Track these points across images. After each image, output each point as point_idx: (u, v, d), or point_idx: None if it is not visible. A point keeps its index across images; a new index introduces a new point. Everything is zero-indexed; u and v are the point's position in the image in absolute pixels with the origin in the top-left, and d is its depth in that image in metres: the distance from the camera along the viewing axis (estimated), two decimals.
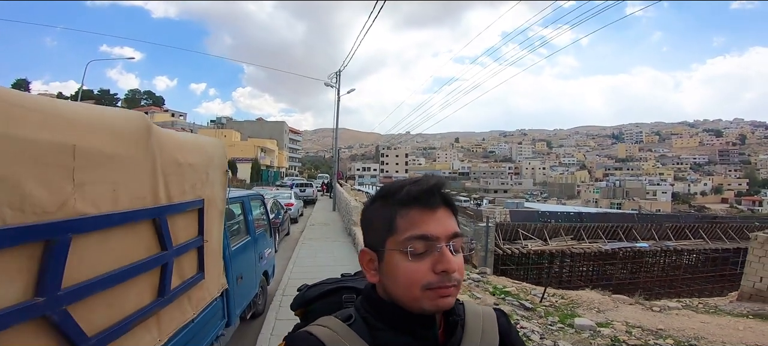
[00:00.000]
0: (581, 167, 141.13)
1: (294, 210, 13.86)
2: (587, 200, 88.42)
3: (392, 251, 0.65)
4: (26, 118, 1.03)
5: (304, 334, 0.65)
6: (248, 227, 4.19)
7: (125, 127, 1.50)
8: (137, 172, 1.57)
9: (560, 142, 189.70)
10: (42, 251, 1.11)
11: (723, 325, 6.70)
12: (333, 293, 0.86)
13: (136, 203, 1.55)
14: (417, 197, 0.66)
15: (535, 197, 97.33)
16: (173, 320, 2.14)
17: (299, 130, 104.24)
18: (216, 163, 2.64)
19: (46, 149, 1.09)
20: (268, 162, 56.60)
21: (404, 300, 0.64)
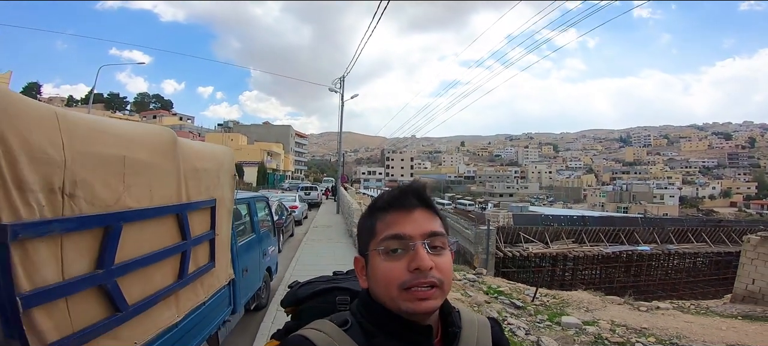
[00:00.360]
0: (588, 171, 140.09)
1: (298, 213, 14.29)
2: (593, 204, 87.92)
3: (373, 253, 0.67)
4: (97, 138, 1.46)
5: (299, 338, 0.65)
6: (253, 225, 4.61)
7: (158, 141, 1.92)
8: (166, 176, 1.99)
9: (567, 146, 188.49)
10: (103, 234, 1.52)
11: (706, 325, 6.95)
12: (326, 292, 0.86)
13: (165, 200, 1.97)
14: (391, 201, 0.69)
15: (541, 201, 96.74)
16: (189, 301, 2.55)
17: (305, 134, 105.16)
18: (226, 168, 3.06)
19: (109, 160, 1.51)
20: (274, 166, 57.33)
21: (386, 301, 0.66)
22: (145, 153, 1.78)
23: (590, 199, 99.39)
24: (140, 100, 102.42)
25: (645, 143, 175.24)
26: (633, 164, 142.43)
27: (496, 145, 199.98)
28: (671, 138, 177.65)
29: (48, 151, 1.24)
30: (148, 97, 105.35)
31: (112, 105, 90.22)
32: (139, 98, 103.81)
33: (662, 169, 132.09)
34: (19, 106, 1.19)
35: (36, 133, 1.19)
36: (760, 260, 9.90)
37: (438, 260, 0.65)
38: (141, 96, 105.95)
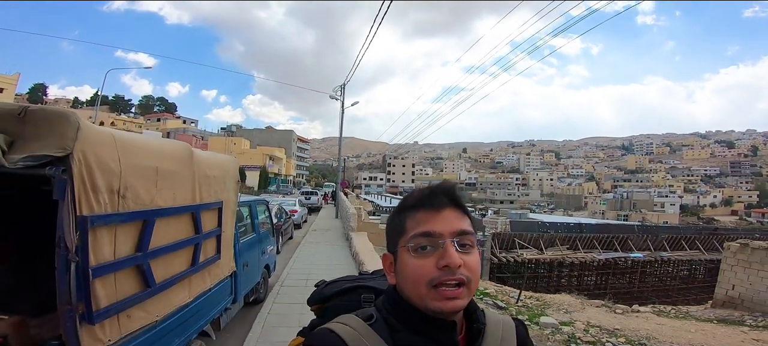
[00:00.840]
0: (589, 179, 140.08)
1: (297, 216, 14.78)
2: (594, 212, 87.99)
3: (402, 250, 0.68)
4: (139, 153, 1.98)
5: (326, 331, 0.66)
6: (254, 226, 5.11)
7: (179, 154, 2.44)
8: (185, 182, 2.50)
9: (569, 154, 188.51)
10: (142, 226, 2.02)
11: (677, 327, 7.38)
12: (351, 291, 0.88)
13: (184, 201, 2.48)
14: (422, 200, 0.70)
15: (541, 209, 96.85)
16: (198, 286, 3.04)
17: (307, 139, 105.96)
18: (231, 175, 3.57)
19: (147, 170, 2.02)
20: (276, 170, 57.88)
21: (414, 298, 0.66)
22: (171, 164, 2.29)
23: (591, 206, 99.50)
24: (145, 102, 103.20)
25: (647, 151, 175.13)
26: (635, 172, 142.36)
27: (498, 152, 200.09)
28: (674, 146, 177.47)
29: (110, 164, 1.75)
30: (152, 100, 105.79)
31: (117, 107, 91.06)
32: (144, 101, 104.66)
33: (664, 177, 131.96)
34: (93, 133, 1.69)
35: (103, 151, 1.70)
36: (739, 267, 10.33)
37: (466, 259, 0.66)
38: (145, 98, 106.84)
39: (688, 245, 23.85)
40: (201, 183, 2.76)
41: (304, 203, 20.58)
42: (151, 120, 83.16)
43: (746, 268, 9.97)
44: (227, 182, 3.41)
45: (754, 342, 6.85)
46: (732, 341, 6.77)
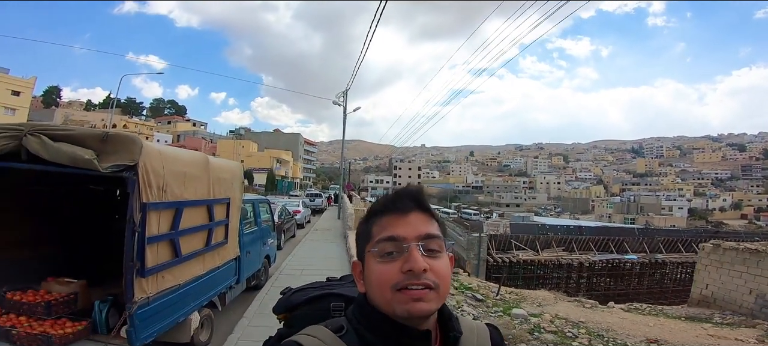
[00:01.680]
0: (598, 182, 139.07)
1: (300, 217, 15.73)
2: (600, 215, 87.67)
3: (369, 256, 0.68)
4: (174, 162, 2.90)
5: (293, 344, 0.64)
6: (256, 220, 6.03)
7: (199, 162, 3.37)
8: (203, 182, 3.43)
9: (577, 157, 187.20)
10: (175, 212, 2.95)
11: (637, 322, 8.08)
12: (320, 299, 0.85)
13: (202, 196, 3.40)
14: (387, 205, 0.70)
15: (548, 212, 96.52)
16: (210, 263, 3.96)
17: (314, 142, 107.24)
18: (237, 177, 4.50)
19: (179, 173, 2.95)
20: (283, 172, 59.12)
21: (381, 304, 0.65)
22: (194, 169, 3.23)
23: (598, 210, 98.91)
24: (156, 105, 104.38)
25: (657, 155, 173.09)
26: (644, 176, 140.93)
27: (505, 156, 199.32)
28: (684, 149, 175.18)
29: (158, 170, 2.67)
30: (163, 103, 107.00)
31: (129, 110, 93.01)
32: (155, 104, 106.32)
33: (673, 180, 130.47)
34: (149, 149, 2.61)
35: (154, 161, 2.63)
36: (712, 267, 10.93)
37: (433, 263, 0.64)
38: (156, 101, 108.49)
39: (685, 248, 24.26)
40: (214, 183, 3.69)
41: (308, 204, 21.55)
42: (161, 123, 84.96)
43: (718, 268, 10.56)
44: (234, 182, 4.34)
45: (709, 337, 7.52)
46: (687, 336, 7.44)
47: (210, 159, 3.69)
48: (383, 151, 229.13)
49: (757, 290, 8.98)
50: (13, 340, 2.51)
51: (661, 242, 24.24)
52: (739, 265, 9.68)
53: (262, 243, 6.26)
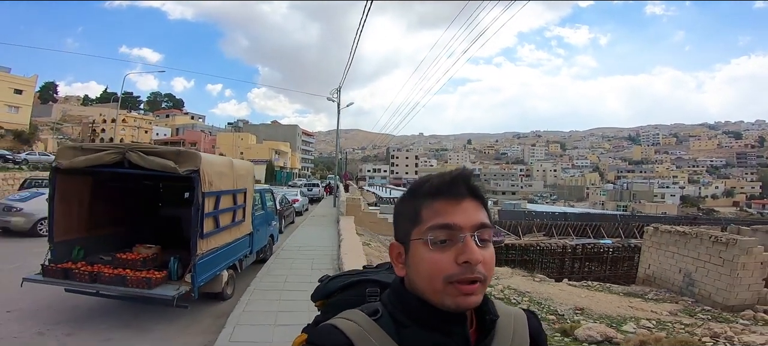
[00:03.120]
0: (594, 170, 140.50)
1: (299, 205, 17.38)
2: (594, 203, 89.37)
3: (416, 242, 0.65)
4: (216, 165, 4.55)
5: (329, 327, 0.64)
6: (263, 206, 7.68)
7: (227, 164, 5.01)
8: (230, 177, 5.07)
9: (575, 144, 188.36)
10: (216, 198, 4.59)
11: (573, 293, 9.73)
12: (355, 285, 0.85)
13: (229, 187, 5.06)
14: (441, 188, 0.66)
15: (544, 199, 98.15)
16: (233, 235, 5.60)
17: (312, 132, 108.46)
18: (250, 173, 6.15)
19: (218, 172, 4.59)
20: (281, 163, 60.68)
21: (428, 293, 0.63)
22: (225, 169, 4.86)
23: (592, 197, 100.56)
24: (153, 99, 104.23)
25: (654, 142, 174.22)
26: (640, 163, 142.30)
27: (503, 144, 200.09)
28: (681, 137, 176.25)
29: (208, 171, 4.29)
30: (160, 96, 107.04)
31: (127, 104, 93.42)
32: (152, 97, 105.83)
33: (668, 168, 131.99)
34: (204, 157, 4.26)
35: (207, 166, 4.25)
36: (653, 248, 12.49)
37: (485, 254, 0.63)
38: (153, 95, 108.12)
39: None
40: (236, 178, 5.33)
41: (306, 193, 23.20)
42: (160, 116, 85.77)
43: (657, 249, 12.05)
44: (248, 177, 5.99)
45: (628, 308, 9.11)
46: (609, 306, 9.03)
47: (234, 161, 5.32)
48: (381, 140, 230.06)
49: (684, 269, 10.51)
50: (127, 283, 4.12)
51: (636, 227, 26.00)
52: (672, 246, 11.14)
53: (267, 224, 7.91)
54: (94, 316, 4.75)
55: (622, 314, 8.21)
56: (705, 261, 9.66)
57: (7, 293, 5.24)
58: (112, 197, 5.27)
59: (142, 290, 4.06)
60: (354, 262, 6.06)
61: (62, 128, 62.23)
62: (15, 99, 39.03)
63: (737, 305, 8.78)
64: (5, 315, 4.63)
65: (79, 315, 4.73)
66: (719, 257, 9.27)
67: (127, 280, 4.10)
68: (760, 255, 8.83)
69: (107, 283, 4.14)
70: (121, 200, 5.50)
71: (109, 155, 4.04)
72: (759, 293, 8.98)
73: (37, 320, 4.51)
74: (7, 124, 35.74)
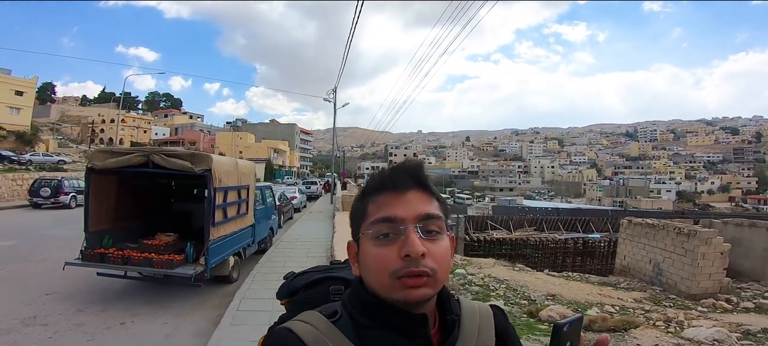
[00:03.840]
0: (591, 166, 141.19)
1: (297, 202, 18.22)
2: (591, 199, 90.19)
3: (364, 238, 0.64)
4: (224, 164, 5.39)
5: (284, 331, 0.62)
6: (264, 201, 8.51)
7: (233, 163, 5.86)
8: (235, 175, 5.91)
9: (572, 141, 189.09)
10: (225, 192, 5.44)
11: (547, 281, 10.44)
12: (319, 282, 0.83)
13: (235, 183, 5.90)
14: (383, 182, 0.66)
15: (541, 195, 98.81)
16: (238, 226, 6.45)
17: (310, 131, 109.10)
18: (252, 171, 6.99)
19: (225, 170, 5.44)
20: (280, 162, 61.45)
21: (378, 290, 0.62)
22: (230, 168, 5.70)
23: (589, 193, 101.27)
24: (151, 98, 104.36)
25: (651, 138, 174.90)
26: (637, 159, 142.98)
27: (501, 140, 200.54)
28: (678, 133, 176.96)
29: (218, 169, 5.12)
30: (158, 96, 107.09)
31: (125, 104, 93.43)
32: (150, 97, 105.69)
33: (666, 164, 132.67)
34: (215, 159, 5.10)
35: (217, 166, 5.08)
36: (628, 240, 13.18)
37: (432, 246, 0.61)
38: (152, 95, 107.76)
39: None
40: (241, 176, 6.16)
41: (304, 191, 24.05)
42: (158, 116, 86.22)
43: (631, 241, 12.74)
44: (250, 175, 6.82)
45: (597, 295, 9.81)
46: (581, 293, 9.75)
47: (238, 161, 6.16)
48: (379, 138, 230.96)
49: (654, 259, 11.23)
50: (153, 264, 4.96)
51: None
52: (643, 238, 11.84)
53: (267, 218, 8.75)
54: (121, 296, 5.59)
55: (590, 301, 8.98)
56: (671, 252, 10.45)
57: (44, 280, 6.09)
58: (133, 194, 6.10)
59: (166, 269, 4.89)
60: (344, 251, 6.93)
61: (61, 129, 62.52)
62: (16, 100, 39.50)
63: (699, 294, 9.51)
64: (46, 297, 5.45)
65: (109, 296, 5.57)
66: (682, 247, 10.05)
67: (154, 262, 4.94)
68: (719, 246, 9.61)
69: (137, 264, 4.99)
70: (140, 197, 6.32)
71: (136, 157, 4.87)
72: (721, 282, 9.74)
73: (74, 301, 5.34)
74: (9, 125, 36.18)
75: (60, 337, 4.36)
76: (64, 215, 14.51)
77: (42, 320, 4.75)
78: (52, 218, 13.82)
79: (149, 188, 6.58)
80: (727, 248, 9.72)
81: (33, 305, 5.12)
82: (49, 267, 6.73)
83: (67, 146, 44.77)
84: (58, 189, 17.02)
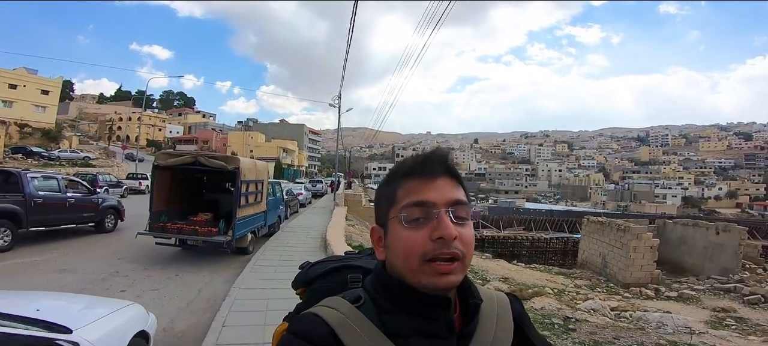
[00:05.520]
0: (600, 170, 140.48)
1: (303, 198, 20.40)
2: (595, 202, 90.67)
3: (393, 221, 0.65)
4: (248, 164, 7.60)
5: (310, 316, 0.63)
6: (274, 193, 10.67)
7: (253, 163, 8.07)
8: (254, 172, 8.07)
9: (582, 144, 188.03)
10: (247, 184, 7.62)
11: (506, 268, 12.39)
12: (337, 271, 0.85)
13: (253, 178, 8.08)
14: (415, 168, 0.67)
15: (547, 199, 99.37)
16: (255, 209, 8.61)
17: (319, 131, 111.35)
18: (266, 169, 9.18)
19: (247, 169, 7.60)
20: (289, 161, 63.85)
21: (406, 274, 0.63)
22: (252, 166, 7.87)
23: (594, 197, 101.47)
24: (165, 97, 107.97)
25: (663, 143, 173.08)
26: (647, 164, 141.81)
27: (510, 143, 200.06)
28: (690, 138, 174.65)
29: (243, 167, 7.25)
30: (172, 95, 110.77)
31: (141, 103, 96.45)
32: (164, 96, 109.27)
33: (675, 169, 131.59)
34: (242, 159, 7.25)
35: (243, 165, 7.20)
36: (587, 237, 15.09)
37: (461, 231, 0.63)
38: (165, 93, 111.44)
39: None
40: (257, 172, 8.31)
41: (310, 189, 26.26)
42: (172, 115, 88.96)
43: (588, 237, 14.61)
44: (264, 173, 9.00)
45: (545, 280, 11.61)
46: (531, 277, 11.54)
47: (257, 162, 8.34)
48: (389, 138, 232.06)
49: (601, 252, 13.06)
50: (198, 234, 7.11)
51: None
52: (596, 234, 13.69)
53: (276, 207, 10.91)
54: (171, 259, 7.71)
55: (535, 283, 10.93)
56: (612, 246, 12.32)
57: (110, 249, 8.31)
58: (179, 185, 8.30)
59: (207, 237, 7.06)
60: (335, 234, 9.07)
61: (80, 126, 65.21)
62: (42, 99, 41.84)
63: (633, 282, 11.36)
64: (118, 260, 7.54)
65: (164, 259, 7.69)
66: (620, 242, 11.93)
67: (198, 232, 7.11)
68: (648, 240, 11.44)
69: (187, 234, 7.16)
70: (184, 187, 8.52)
71: (187, 158, 7.04)
72: (652, 273, 11.57)
73: (140, 263, 7.46)
74: (36, 122, 38.42)
75: (137, 284, 6.30)
76: None
77: (122, 273, 6.80)
78: None
79: (189, 181, 8.76)
80: (655, 242, 11.52)
81: (112, 265, 7.13)
82: (109, 241, 9.03)
83: (87, 143, 47.13)
84: (94, 183, 19.12)
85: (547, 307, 6.66)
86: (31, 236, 8.14)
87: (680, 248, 13.78)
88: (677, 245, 14.23)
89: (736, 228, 12.19)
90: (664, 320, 5.88)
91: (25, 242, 7.91)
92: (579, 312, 6.45)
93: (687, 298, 9.90)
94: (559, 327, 5.17)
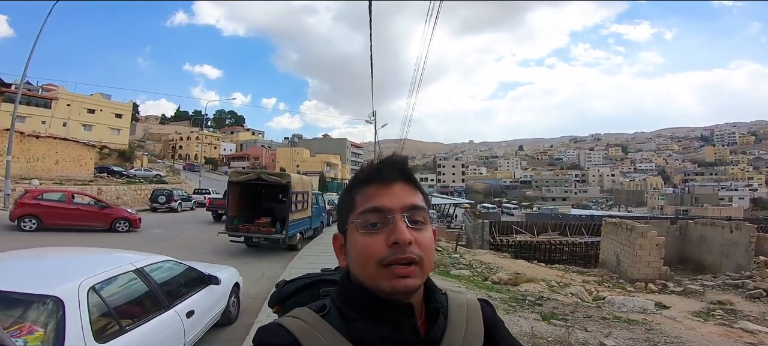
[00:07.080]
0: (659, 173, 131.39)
1: None
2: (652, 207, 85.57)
3: (352, 228, 0.67)
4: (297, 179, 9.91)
5: (274, 326, 0.65)
6: (318, 202, 12.95)
7: (301, 178, 10.40)
8: (301, 185, 10.38)
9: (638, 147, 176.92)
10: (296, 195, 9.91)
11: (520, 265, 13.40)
12: (310, 286, 0.87)
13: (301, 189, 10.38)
14: (372, 174, 0.69)
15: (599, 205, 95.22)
16: (304, 214, 10.89)
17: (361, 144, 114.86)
18: (311, 183, 11.50)
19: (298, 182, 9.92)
20: (332, 175, 67.26)
21: (365, 279, 0.64)
22: (300, 180, 10.21)
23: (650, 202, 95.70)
24: (218, 116, 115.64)
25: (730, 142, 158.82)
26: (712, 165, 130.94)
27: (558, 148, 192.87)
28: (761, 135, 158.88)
29: (294, 181, 9.54)
30: (224, 114, 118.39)
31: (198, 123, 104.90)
32: (217, 115, 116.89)
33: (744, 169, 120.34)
34: (292, 175, 9.61)
35: (293, 180, 9.52)
36: (605, 238, 15.64)
37: (418, 236, 0.64)
38: (218, 113, 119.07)
39: None
40: (305, 185, 10.60)
41: None
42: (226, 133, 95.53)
43: (606, 238, 15.14)
44: (309, 185, 11.30)
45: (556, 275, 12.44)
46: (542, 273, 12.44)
47: (303, 177, 10.64)
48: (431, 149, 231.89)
49: (616, 251, 13.67)
50: (262, 232, 9.45)
51: None
52: (612, 235, 14.29)
53: (319, 214, 13.15)
54: (239, 254, 10.02)
55: (545, 278, 12.02)
56: (623, 245, 13.12)
57: (195, 245, 10.91)
58: (245, 196, 10.76)
59: (268, 235, 9.38)
60: None
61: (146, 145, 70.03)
62: (116, 122, 45.17)
63: (640, 278, 12.02)
64: (204, 253, 10.06)
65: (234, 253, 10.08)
66: (628, 240, 12.74)
67: (262, 231, 9.48)
68: (653, 239, 12.14)
69: (254, 233, 9.54)
70: (248, 198, 10.98)
71: (253, 176, 9.47)
72: (659, 269, 12.20)
73: (219, 255, 9.83)
74: (112, 144, 41.75)
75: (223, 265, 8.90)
76: (176, 216, 19.64)
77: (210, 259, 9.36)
78: (169, 218, 18.62)
79: (252, 194, 11.22)
80: (660, 240, 12.15)
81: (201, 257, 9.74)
82: (193, 243, 11.70)
83: (155, 162, 50.99)
84: (170, 197, 21.86)
85: (531, 290, 8.06)
86: None
87: (701, 247, 14.15)
88: (698, 244, 14.55)
89: (746, 226, 12.52)
90: (625, 303, 7.05)
91: None
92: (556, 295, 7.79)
93: (690, 292, 10.55)
94: (530, 303, 6.64)
